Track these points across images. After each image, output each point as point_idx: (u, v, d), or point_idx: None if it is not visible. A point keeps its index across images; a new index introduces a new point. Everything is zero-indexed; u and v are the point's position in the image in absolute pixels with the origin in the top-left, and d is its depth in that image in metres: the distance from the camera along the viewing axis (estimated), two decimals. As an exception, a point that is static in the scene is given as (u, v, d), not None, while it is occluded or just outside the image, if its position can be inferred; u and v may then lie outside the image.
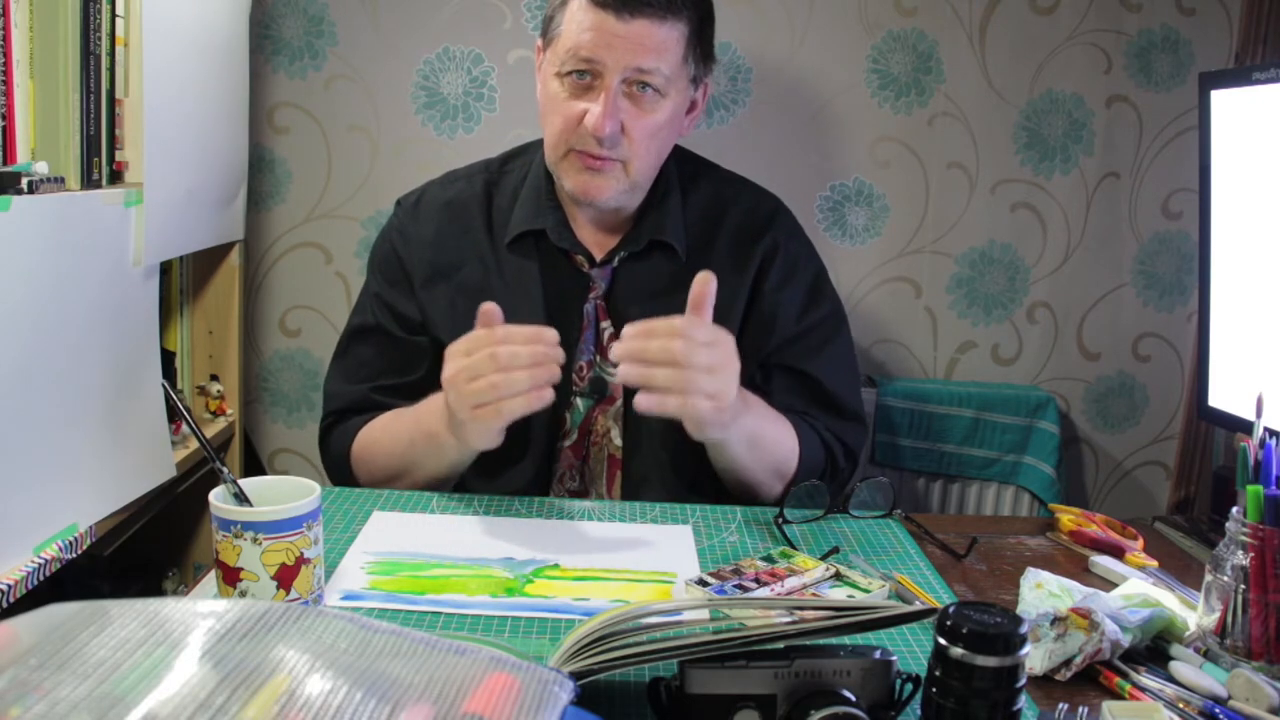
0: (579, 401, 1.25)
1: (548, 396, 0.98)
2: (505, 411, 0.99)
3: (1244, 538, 0.83)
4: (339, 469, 1.26)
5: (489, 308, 1.01)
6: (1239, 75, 1.19)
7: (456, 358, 1.02)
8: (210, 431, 1.65)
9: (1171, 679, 0.80)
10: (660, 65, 1.12)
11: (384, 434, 1.21)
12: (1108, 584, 1.00)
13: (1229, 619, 0.83)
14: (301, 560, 0.81)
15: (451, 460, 1.14)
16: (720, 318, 1.24)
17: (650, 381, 0.98)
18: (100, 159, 1.20)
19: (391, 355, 1.26)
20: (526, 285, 1.24)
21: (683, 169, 1.29)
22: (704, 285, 1.02)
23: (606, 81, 1.12)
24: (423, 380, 1.24)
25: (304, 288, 1.86)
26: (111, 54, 1.21)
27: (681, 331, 0.98)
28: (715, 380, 0.99)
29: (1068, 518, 1.13)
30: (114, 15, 1.22)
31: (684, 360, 0.97)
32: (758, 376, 1.27)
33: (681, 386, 0.97)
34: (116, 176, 1.26)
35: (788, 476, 1.19)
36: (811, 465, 1.21)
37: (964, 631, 0.65)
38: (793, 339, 1.27)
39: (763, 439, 1.15)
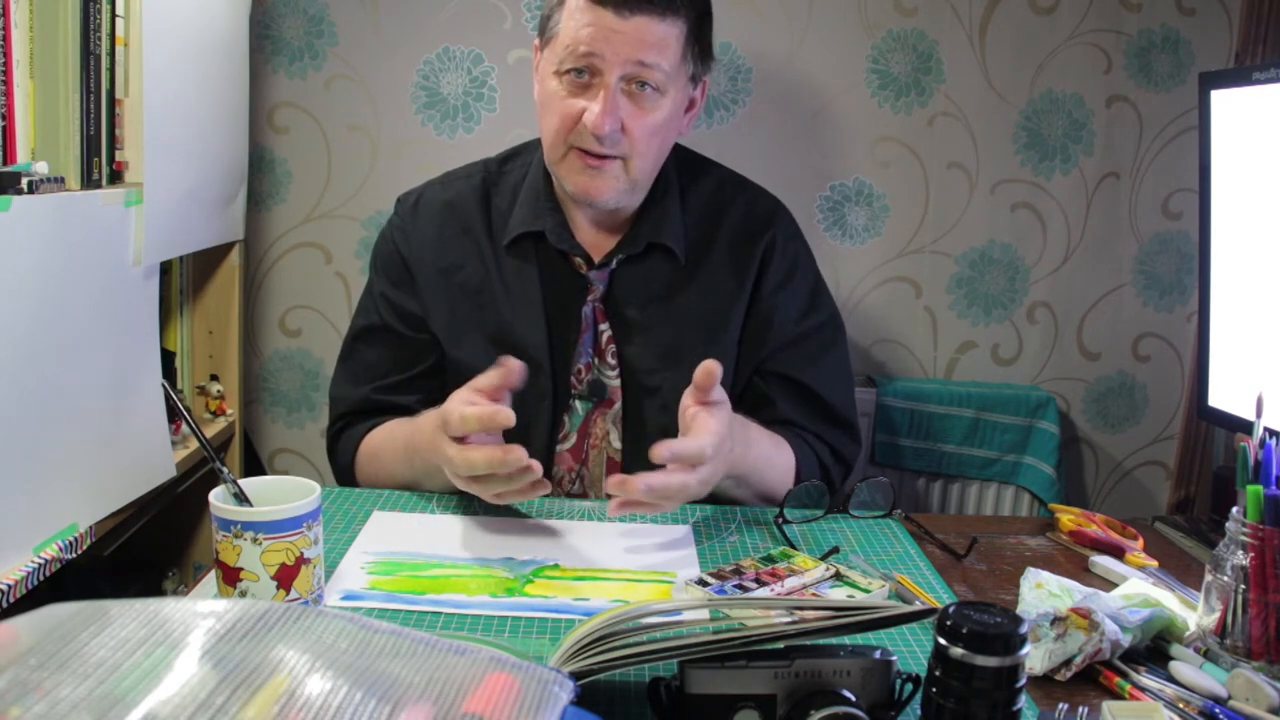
0: (577, 404, 1.24)
1: (544, 489, 1.00)
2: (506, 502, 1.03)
3: (1244, 538, 0.83)
4: (346, 478, 1.25)
5: (511, 365, 0.99)
6: (1239, 75, 1.19)
7: (458, 469, 0.99)
8: (210, 431, 1.65)
9: (1171, 679, 0.80)
10: (660, 61, 1.12)
11: (383, 448, 1.20)
12: (1108, 584, 1.00)
13: (1229, 619, 0.83)
14: (301, 560, 0.81)
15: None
16: (721, 322, 1.25)
17: (643, 511, 1.01)
18: (100, 159, 1.20)
19: (399, 354, 1.25)
20: (526, 288, 1.24)
21: (682, 169, 1.29)
22: (708, 379, 0.99)
23: (606, 79, 1.11)
24: (427, 373, 1.24)
25: (304, 288, 1.86)
26: (111, 54, 1.21)
27: (683, 490, 0.96)
28: (707, 486, 1.00)
29: (1068, 518, 1.13)
30: (114, 15, 1.22)
31: (684, 499, 0.98)
32: (757, 384, 1.27)
33: (676, 505, 1.02)
34: (116, 176, 1.26)
35: (779, 499, 1.18)
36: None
37: (964, 631, 0.65)
38: (791, 343, 1.27)
39: (750, 476, 1.14)
